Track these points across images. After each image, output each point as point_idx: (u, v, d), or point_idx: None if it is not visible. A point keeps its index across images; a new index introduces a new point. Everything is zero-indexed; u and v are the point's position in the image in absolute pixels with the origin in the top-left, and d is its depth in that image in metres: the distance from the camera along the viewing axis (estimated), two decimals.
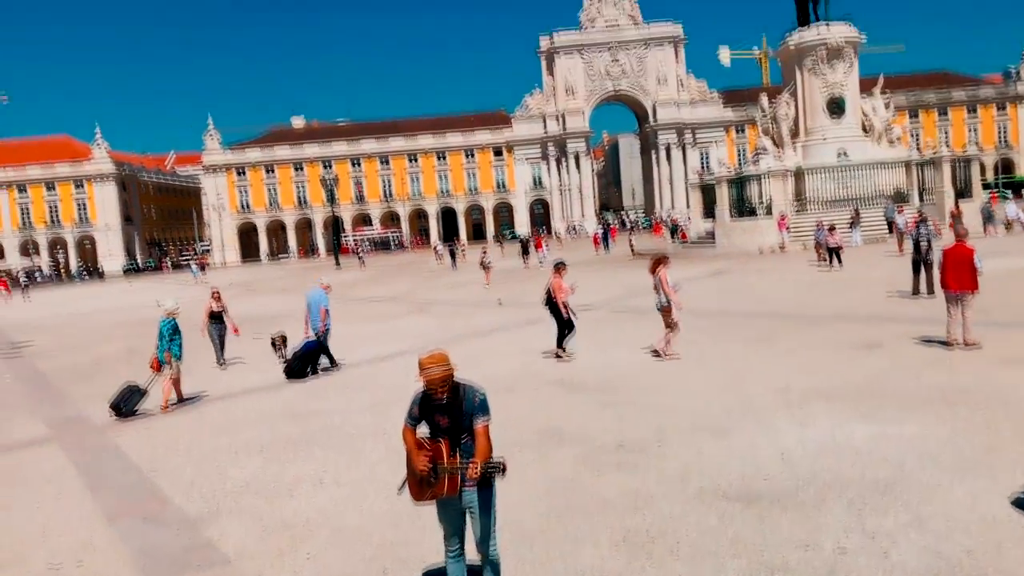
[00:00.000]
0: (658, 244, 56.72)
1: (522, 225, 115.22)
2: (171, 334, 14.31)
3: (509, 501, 7.46)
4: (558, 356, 16.05)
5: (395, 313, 28.16)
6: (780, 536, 6.69)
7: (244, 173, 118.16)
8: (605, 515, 7.42)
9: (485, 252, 39.21)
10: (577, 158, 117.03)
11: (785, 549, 6.45)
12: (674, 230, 65.37)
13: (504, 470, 5.34)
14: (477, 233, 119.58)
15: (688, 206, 76.21)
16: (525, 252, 48.08)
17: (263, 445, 11.00)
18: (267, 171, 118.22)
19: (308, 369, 16.27)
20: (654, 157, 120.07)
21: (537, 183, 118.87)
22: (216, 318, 18.85)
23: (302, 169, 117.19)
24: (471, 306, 28.43)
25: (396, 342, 20.22)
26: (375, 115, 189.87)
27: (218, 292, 19.36)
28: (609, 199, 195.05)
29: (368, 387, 14.71)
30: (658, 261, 15.55)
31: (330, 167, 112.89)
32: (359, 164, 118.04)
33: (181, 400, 14.63)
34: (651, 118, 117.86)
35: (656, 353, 15.35)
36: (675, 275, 16.92)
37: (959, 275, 13.79)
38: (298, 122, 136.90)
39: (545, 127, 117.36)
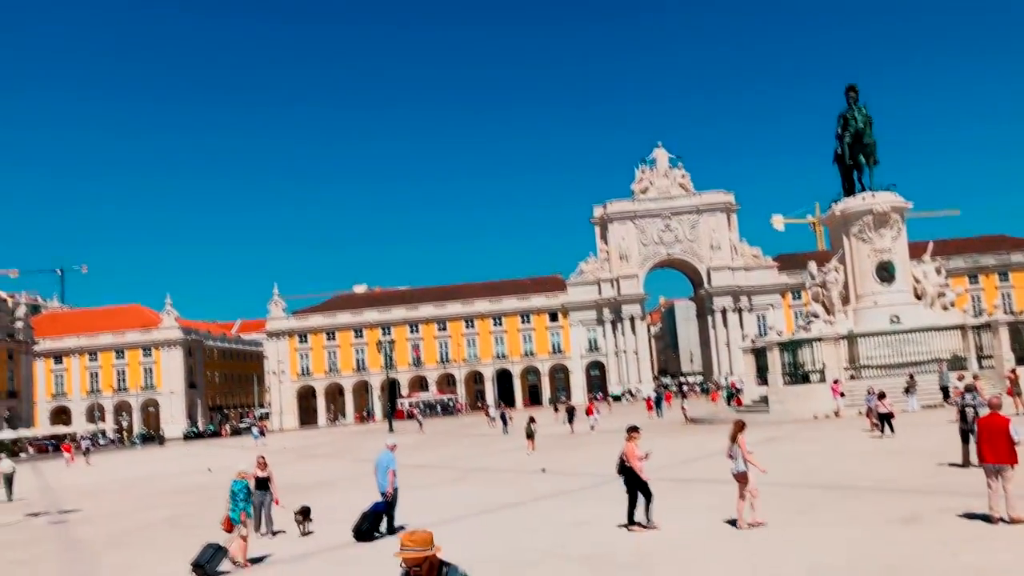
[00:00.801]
0: (712, 410, 55.91)
1: (578, 388, 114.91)
2: (245, 495, 15.08)
3: None
4: (632, 527, 15.32)
5: (439, 481, 28.02)
6: None
7: (306, 339, 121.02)
8: None
9: (532, 420, 39.05)
10: (632, 322, 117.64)
11: None
12: (731, 395, 64.51)
13: None
14: (533, 396, 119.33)
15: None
16: (571, 419, 47.87)
17: None
18: (328, 336, 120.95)
19: (375, 531, 16.60)
20: (710, 321, 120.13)
21: (593, 346, 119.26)
22: (261, 485, 18.90)
23: (362, 334, 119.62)
24: (514, 473, 28.18)
25: (429, 513, 19.97)
26: (434, 281, 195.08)
27: (263, 459, 19.43)
28: (667, 363, 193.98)
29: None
30: (739, 427, 15.36)
31: (389, 332, 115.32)
32: (417, 328, 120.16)
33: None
34: (705, 283, 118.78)
35: (740, 522, 14.84)
36: (721, 443, 16.72)
37: (995, 446, 13.40)
38: (360, 289, 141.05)
39: (600, 291, 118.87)
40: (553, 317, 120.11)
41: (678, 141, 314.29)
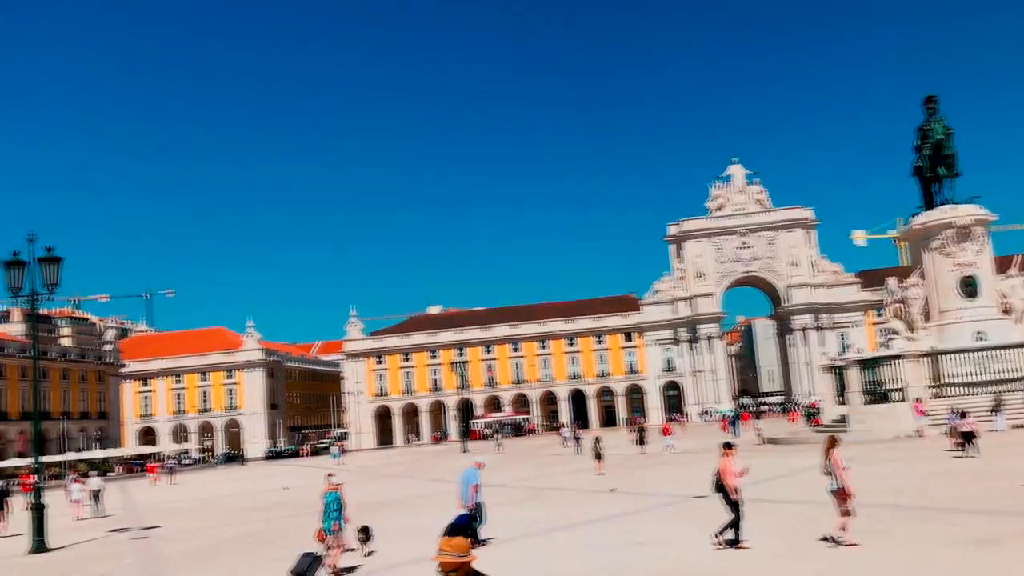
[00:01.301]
0: (791, 430, 54.68)
1: (654, 409, 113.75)
2: (337, 507, 15.88)
3: None
4: (727, 543, 14.95)
5: (507, 500, 27.96)
6: None
7: (382, 359, 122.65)
8: None
9: (598, 440, 38.65)
10: (709, 341, 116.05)
11: None
12: (810, 415, 63.01)
13: None
14: (608, 416, 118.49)
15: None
16: (642, 440, 47.24)
17: None
18: (404, 357, 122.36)
19: None
20: (789, 340, 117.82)
21: (669, 366, 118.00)
22: None
23: (436, 355, 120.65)
24: (584, 493, 28.02)
25: (495, 530, 19.94)
26: (507, 301, 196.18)
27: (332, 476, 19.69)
28: (746, 383, 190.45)
29: None
30: (831, 442, 14.98)
31: (463, 352, 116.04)
32: (491, 349, 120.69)
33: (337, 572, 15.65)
34: (784, 301, 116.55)
35: (832, 540, 14.47)
36: (796, 463, 16.37)
37: None
38: (434, 310, 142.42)
39: (675, 311, 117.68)
40: (627, 337, 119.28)
41: (755, 156, 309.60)
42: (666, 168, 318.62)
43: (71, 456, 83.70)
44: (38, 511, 23.77)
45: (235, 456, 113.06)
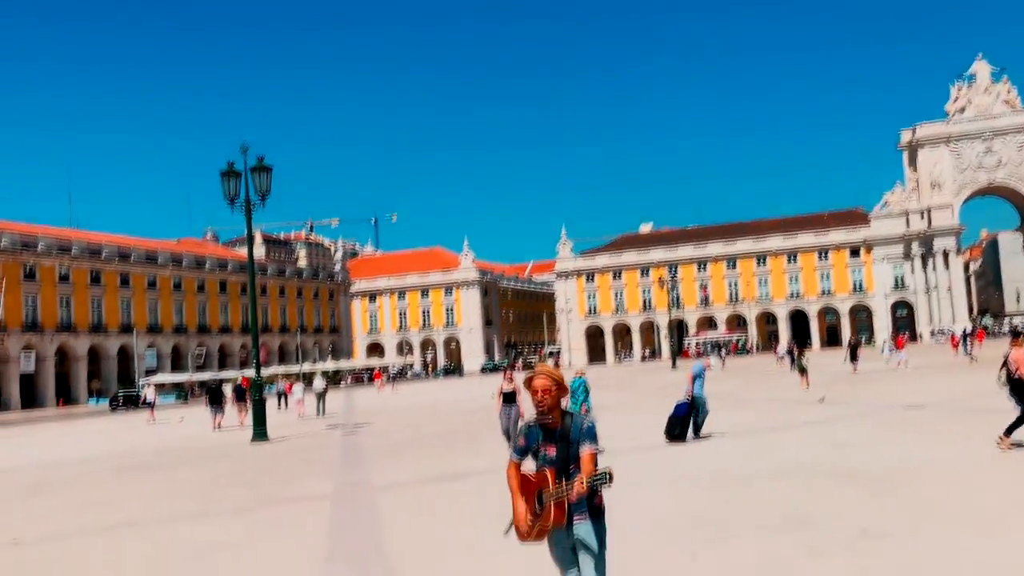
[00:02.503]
0: None
1: (881, 329, 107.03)
2: (584, 392, 16.69)
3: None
4: (1013, 445, 13.23)
5: (720, 407, 26.96)
6: None
7: (592, 278, 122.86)
8: None
9: (801, 353, 36.45)
10: (945, 257, 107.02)
11: None
12: None
13: (611, 478, 4.76)
14: (831, 337, 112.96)
15: None
16: (854, 357, 43.69)
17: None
18: (614, 276, 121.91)
19: (685, 433, 17.39)
20: None
21: (899, 284, 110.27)
22: (508, 399, 19.05)
23: (647, 274, 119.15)
24: (791, 403, 26.67)
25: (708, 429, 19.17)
26: (722, 218, 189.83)
27: (511, 373, 19.47)
28: (988, 302, 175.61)
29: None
30: None
31: (675, 271, 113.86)
32: (705, 267, 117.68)
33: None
34: None
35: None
36: None
37: None
38: (646, 228, 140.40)
39: (908, 224, 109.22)
40: (854, 253, 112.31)
41: (1002, 51, 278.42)
42: (900, 71, 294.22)
43: (307, 367, 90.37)
44: (258, 405, 25.69)
45: (453, 369, 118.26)
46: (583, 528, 5.00)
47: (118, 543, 10.55)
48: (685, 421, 17.52)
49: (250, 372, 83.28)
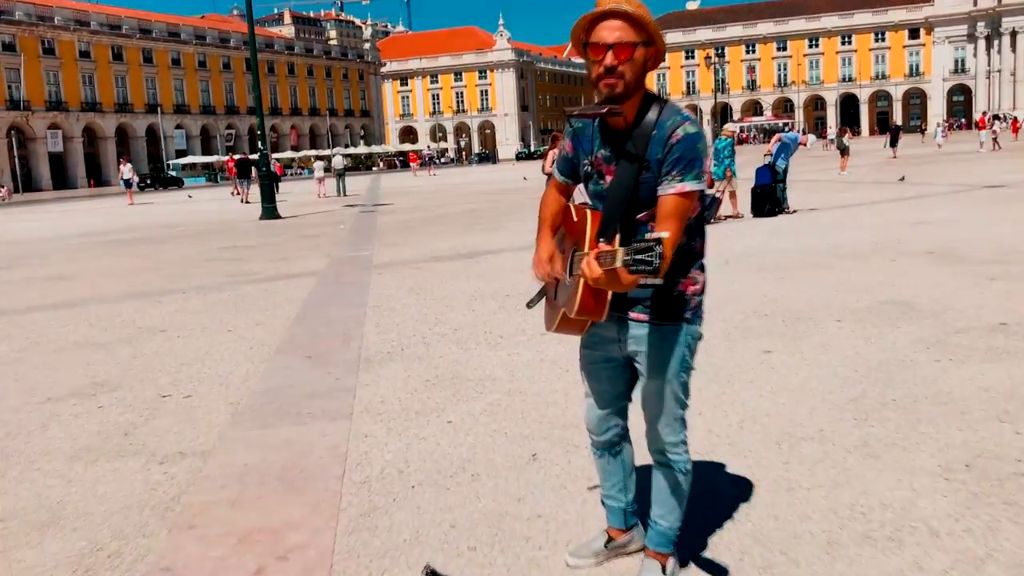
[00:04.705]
0: None
1: (934, 116, 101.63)
2: (730, 153, 16.02)
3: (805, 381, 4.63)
4: None
5: None
6: None
7: None
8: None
9: (844, 131, 34.30)
10: (1014, 37, 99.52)
11: None
12: None
13: (663, 261, 2.11)
14: (881, 124, 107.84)
15: None
16: (894, 142, 42.47)
17: None
18: None
19: (769, 208, 16.37)
20: None
21: (959, 68, 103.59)
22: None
23: (693, 55, 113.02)
24: (861, 184, 24.55)
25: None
26: None
27: (552, 152, 17.53)
28: None
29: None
30: None
31: (722, 52, 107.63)
32: (753, 48, 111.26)
33: (737, 216, 15.83)
34: None
35: None
36: None
37: None
38: (692, 6, 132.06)
39: (975, 2, 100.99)
40: (914, 34, 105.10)
41: None
42: None
43: (339, 150, 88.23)
44: (267, 181, 24.11)
45: (487, 156, 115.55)
46: (640, 335, 2.67)
47: (45, 323, 8.90)
48: (771, 194, 16.48)
49: (281, 155, 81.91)
